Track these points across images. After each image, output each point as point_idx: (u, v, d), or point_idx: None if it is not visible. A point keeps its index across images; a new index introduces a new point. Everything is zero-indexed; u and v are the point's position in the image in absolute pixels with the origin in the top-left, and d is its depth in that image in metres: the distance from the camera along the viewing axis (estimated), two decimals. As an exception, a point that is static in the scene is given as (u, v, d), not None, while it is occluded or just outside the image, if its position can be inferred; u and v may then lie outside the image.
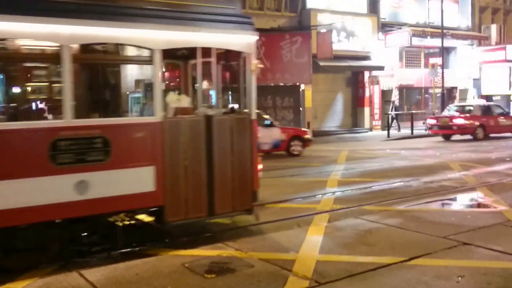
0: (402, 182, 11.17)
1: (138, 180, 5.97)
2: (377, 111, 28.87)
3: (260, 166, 7.11)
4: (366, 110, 28.68)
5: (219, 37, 6.58)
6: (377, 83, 28.06)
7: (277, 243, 6.33)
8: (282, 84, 25.16)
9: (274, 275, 5.14)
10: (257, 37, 6.93)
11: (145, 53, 6.50)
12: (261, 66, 6.94)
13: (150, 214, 6.70)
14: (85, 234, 6.13)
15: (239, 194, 6.69)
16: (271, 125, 16.40)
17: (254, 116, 6.90)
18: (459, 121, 22.02)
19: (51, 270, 5.54)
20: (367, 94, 28.63)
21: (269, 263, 5.50)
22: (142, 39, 5.99)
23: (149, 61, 6.20)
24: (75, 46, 5.83)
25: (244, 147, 6.75)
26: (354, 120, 28.72)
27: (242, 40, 6.74)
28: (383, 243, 6.19)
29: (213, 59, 7.04)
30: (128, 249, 6.18)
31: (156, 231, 6.78)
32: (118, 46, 7.03)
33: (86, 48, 6.49)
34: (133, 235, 6.62)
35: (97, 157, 5.67)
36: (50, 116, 6.91)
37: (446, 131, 22.66)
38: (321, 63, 25.27)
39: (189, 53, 7.11)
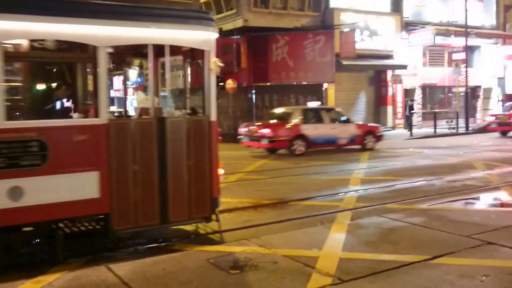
0: (425, 181, 11.12)
1: (80, 186, 5.62)
2: (400, 109, 28.65)
3: (221, 171, 6.73)
4: (389, 108, 28.49)
5: (172, 33, 6.22)
6: (400, 82, 27.86)
7: (300, 240, 6.36)
8: (305, 83, 25.19)
9: (297, 272, 5.19)
10: (217, 34, 6.57)
11: (90, 50, 6.05)
12: (221, 64, 6.54)
13: (96, 222, 6.23)
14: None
15: (197, 201, 6.34)
16: (347, 121, 17.98)
17: (214, 118, 6.52)
18: None
19: (80, 264, 5.72)
20: (389, 93, 28.44)
21: (292, 259, 5.55)
22: (84, 35, 5.63)
23: (93, 58, 5.81)
24: (9, 43, 5.60)
25: (202, 151, 6.40)
26: (376, 119, 28.52)
27: (199, 36, 6.36)
28: (406, 242, 6.19)
29: (179, 58, 6.85)
30: (155, 245, 6.31)
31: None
32: (60, 43, 6.39)
33: (25, 45, 6.14)
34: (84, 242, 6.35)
35: (33, 161, 5.34)
36: None
37: (504, 128, 23.52)
38: (344, 62, 25.20)
39: (159, 50, 6.77)
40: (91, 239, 6.29)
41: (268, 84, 25.29)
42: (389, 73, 28.14)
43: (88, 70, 7.97)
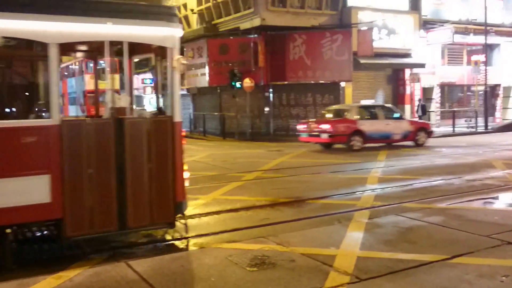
0: (443, 180, 11.03)
1: (29, 190, 5.37)
2: (417, 108, 28.38)
3: (186, 175, 6.46)
4: (407, 107, 28.28)
5: (131, 29, 5.92)
6: (418, 80, 27.66)
7: (318, 239, 6.36)
8: (322, 81, 25.15)
9: (315, 270, 5.20)
10: (181, 30, 6.28)
11: (40, 47, 5.86)
12: (186, 62, 6.24)
13: (48, 228, 6.02)
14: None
15: (159, 206, 6.06)
16: (400, 118, 18.97)
17: (177, 119, 6.21)
18: None
19: (101, 260, 5.81)
20: (408, 91, 28.24)
21: (310, 258, 5.56)
22: (34, 32, 5.38)
23: (44, 56, 5.52)
24: None
25: (164, 154, 6.09)
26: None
27: (160, 33, 6.08)
28: (424, 241, 6.15)
29: (150, 56, 6.52)
30: (174, 241, 6.37)
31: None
32: (7, 40, 6.11)
33: None
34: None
35: None
36: None
37: None
38: (362, 61, 25.10)
39: (131, 48, 6.50)
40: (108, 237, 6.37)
41: (286, 83, 25.31)
42: (407, 72, 27.95)
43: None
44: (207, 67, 26.11)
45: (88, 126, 5.70)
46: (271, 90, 25.81)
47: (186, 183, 6.46)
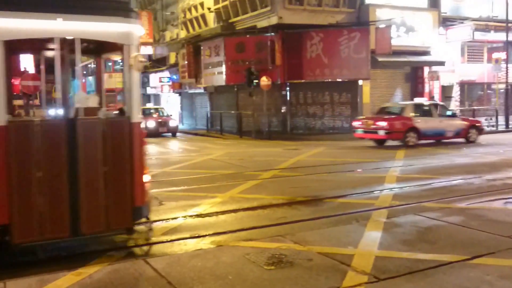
0: (463, 180, 10.90)
1: None
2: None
3: (147, 178, 6.17)
4: (426, 106, 28.00)
5: (83, 25, 5.67)
6: (437, 78, 27.35)
7: (336, 238, 6.34)
8: (339, 80, 25.03)
9: (332, 269, 5.18)
10: (140, 26, 6.04)
11: None
12: (144, 60, 5.97)
13: None
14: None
15: (115, 211, 5.81)
16: (453, 116, 19.63)
17: (136, 119, 5.94)
18: None
19: (119, 257, 5.86)
20: (426, 89, 27.92)
21: (327, 257, 5.54)
22: None
23: None
24: None
25: (121, 156, 5.82)
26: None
27: (116, 29, 5.82)
28: (444, 241, 6.09)
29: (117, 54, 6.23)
30: (192, 239, 6.39)
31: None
32: None
33: None
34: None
35: None
36: None
37: None
38: (380, 59, 24.92)
39: (99, 46, 6.19)
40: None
41: (303, 81, 25.24)
42: (426, 70, 27.65)
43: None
44: (224, 66, 26.15)
45: (37, 127, 5.44)
46: (288, 88, 25.75)
47: (148, 187, 6.18)
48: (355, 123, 19.81)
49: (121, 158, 5.83)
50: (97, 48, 6.89)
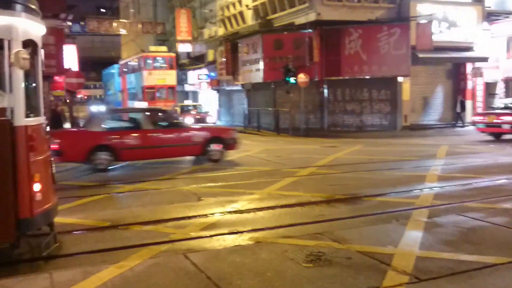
0: (508, 179, 10.58)
1: None
2: (480, 104, 27.41)
3: (37, 187, 5.51)
4: (468, 103, 27.32)
5: None
6: (481, 75, 26.67)
7: (375, 237, 6.25)
8: (379, 76, 24.70)
9: (372, 269, 5.11)
10: (24, 19, 5.43)
11: None
12: (26, 57, 5.35)
13: None
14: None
15: None
16: None
17: (20, 122, 5.33)
18: None
19: (160, 252, 5.95)
20: (469, 86, 27.27)
21: (367, 256, 5.47)
22: None
23: None
24: None
25: (0, 164, 5.23)
26: (455, 114, 27.47)
27: None
28: (488, 242, 5.92)
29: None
30: (230, 235, 6.42)
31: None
32: None
33: None
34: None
35: None
36: None
37: None
38: (420, 55, 24.46)
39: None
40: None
41: (341, 78, 25.02)
42: (469, 66, 26.98)
43: None
44: (261, 63, 26.17)
45: None
46: (325, 85, 25.59)
47: (37, 197, 5.56)
48: (476, 118, 20.51)
49: (1, 165, 5.24)
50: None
